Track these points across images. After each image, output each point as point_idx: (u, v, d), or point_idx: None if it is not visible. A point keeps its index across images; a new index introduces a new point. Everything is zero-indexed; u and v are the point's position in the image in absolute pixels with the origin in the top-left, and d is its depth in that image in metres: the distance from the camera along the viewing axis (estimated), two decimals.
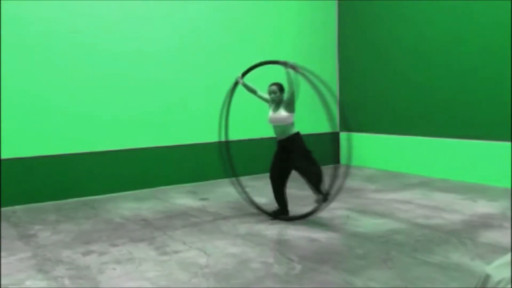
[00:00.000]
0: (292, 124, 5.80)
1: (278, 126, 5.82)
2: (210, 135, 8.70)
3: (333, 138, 10.45)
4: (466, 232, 5.17)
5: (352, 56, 10.21)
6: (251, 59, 6.72)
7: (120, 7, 7.83)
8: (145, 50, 8.09)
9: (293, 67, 5.57)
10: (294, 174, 5.88)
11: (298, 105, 6.24)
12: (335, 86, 10.48)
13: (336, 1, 10.43)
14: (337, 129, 10.55)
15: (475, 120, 7.93)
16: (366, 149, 9.91)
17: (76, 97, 7.50)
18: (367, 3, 9.78)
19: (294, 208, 6.22)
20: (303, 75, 5.56)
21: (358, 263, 4.32)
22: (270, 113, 5.87)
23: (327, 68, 10.31)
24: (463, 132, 8.11)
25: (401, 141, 9.21)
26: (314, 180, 5.71)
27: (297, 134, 5.85)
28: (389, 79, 9.43)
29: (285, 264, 4.33)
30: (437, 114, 8.54)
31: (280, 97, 5.84)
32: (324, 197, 5.66)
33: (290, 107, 5.72)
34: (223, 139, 6.40)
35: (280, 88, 5.87)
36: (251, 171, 9.01)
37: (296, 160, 5.76)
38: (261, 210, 6.16)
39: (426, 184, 7.95)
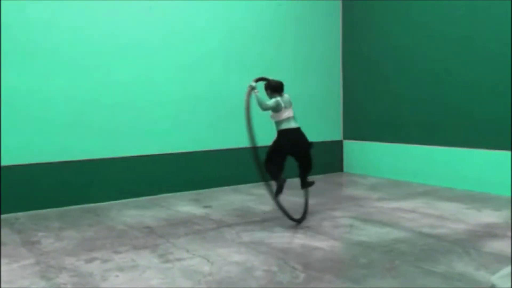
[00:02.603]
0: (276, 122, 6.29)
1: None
2: (213, 142, 8.74)
3: (337, 146, 10.45)
4: (471, 242, 5.14)
5: (356, 64, 10.22)
6: (255, 66, 6.76)
7: (125, 13, 7.88)
8: (149, 57, 8.13)
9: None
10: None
11: (302, 112, 6.30)
12: (339, 93, 10.49)
13: (340, 9, 10.46)
14: (341, 138, 10.56)
15: (480, 130, 7.91)
16: (370, 157, 9.90)
17: (79, 104, 7.52)
18: (372, 12, 9.81)
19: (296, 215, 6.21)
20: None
21: (361, 272, 4.30)
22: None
23: (331, 76, 10.33)
24: (468, 141, 8.09)
25: (405, 149, 9.19)
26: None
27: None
28: (393, 87, 9.43)
29: (289, 273, 4.31)
30: (441, 123, 8.52)
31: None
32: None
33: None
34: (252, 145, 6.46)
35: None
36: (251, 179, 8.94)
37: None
38: (288, 216, 6.20)
39: (430, 193, 7.92)
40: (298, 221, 6.14)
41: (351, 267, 4.50)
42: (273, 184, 6.19)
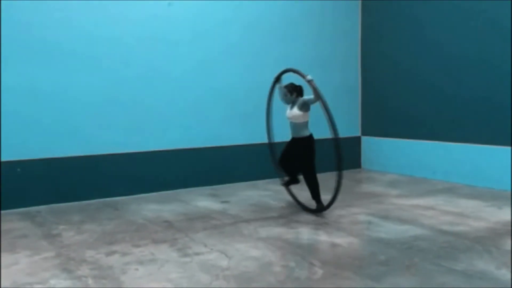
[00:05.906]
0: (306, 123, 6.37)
1: (292, 123, 6.37)
2: (231, 138, 8.76)
3: (355, 142, 10.38)
4: (491, 240, 5.07)
5: (375, 60, 10.12)
6: (274, 62, 6.75)
7: (144, 8, 7.91)
8: (169, 52, 8.17)
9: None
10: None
11: (318, 109, 6.25)
12: (357, 89, 10.41)
13: (359, 7, 10.36)
14: (359, 134, 10.49)
15: (501, 126, 7.78)
16: (389, 154, 9.81)
17: (99, 99, 7.60)
18: (390, 10, 9.69)
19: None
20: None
21: (380, 269, 4.28)
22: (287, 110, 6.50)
23: (350, 71, 10.25)
24: (489, 138, 7.97)
25: (424, 146, 9.08)
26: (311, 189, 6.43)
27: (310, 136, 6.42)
28: (413, 83, 9.32)
29: (307, 269, 4.31)
30: (462, 120, 8.41)
31: (291, 98, 6.42)
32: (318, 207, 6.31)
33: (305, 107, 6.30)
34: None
35: (290, 89, 6.43)
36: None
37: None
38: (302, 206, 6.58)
39: (450, 190, 7.83)
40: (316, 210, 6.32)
41: (369, 264, 4.48)
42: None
